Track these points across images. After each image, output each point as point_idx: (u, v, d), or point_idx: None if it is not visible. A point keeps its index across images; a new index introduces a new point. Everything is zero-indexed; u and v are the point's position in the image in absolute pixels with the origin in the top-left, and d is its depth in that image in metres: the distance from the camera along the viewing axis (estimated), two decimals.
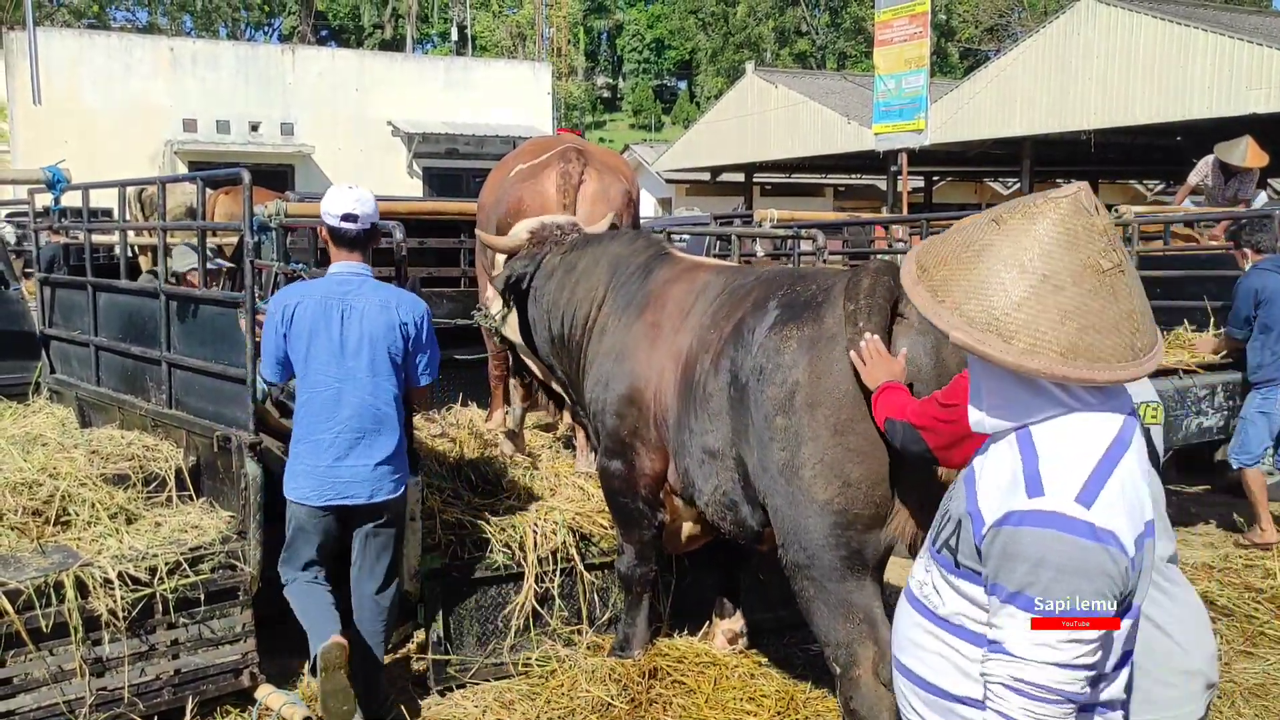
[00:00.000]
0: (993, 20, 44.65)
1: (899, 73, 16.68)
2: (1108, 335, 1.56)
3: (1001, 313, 1.57)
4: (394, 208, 6.61)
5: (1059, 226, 1.58)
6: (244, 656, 4.21)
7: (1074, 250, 1.57)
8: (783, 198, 30.37)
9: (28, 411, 5.70)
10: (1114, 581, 1.55)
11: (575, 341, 4.45)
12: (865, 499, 3.15)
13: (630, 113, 62.30)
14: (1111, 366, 1.56)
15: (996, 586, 1.60)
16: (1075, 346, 1.55)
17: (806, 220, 8.48)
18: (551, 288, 4.53)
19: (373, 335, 3.93)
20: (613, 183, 5.13)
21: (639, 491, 4.18)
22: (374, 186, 4.80)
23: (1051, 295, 1.56)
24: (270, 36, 52.34)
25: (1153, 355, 1.62)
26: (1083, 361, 1.55)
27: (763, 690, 4.29)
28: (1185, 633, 2.21)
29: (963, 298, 1.61)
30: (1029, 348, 1.55)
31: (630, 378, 4.10)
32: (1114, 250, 1.60)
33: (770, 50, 51.31)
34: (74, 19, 41.25)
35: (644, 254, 4.43)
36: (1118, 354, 1.56)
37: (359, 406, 3.91)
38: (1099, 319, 1.56)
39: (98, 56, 19.77)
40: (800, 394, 3.22)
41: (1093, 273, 1.56)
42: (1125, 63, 17.71)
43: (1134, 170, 29.47)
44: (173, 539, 4.18)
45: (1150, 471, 1.91)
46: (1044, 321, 1.55)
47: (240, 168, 4.40)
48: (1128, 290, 1.59)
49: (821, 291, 3.38)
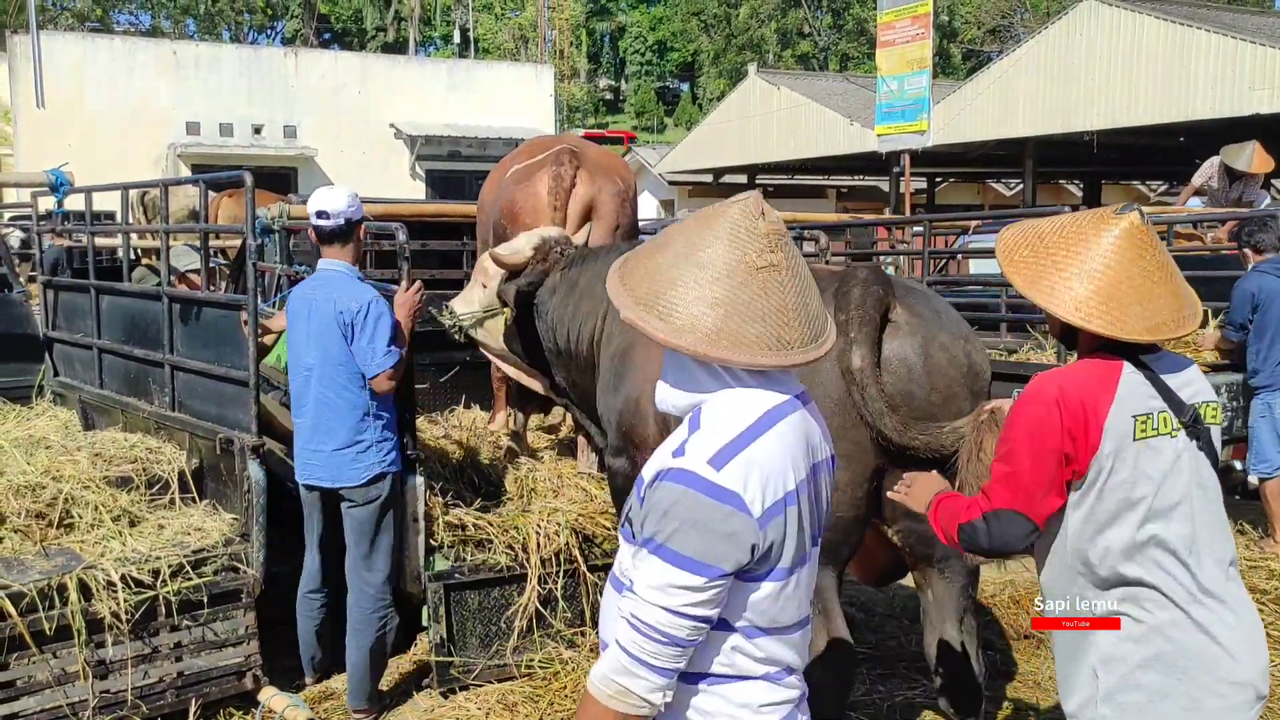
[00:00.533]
0: (995, 21, 44.61)
1: (901, 74, 16.67)
2: (753, 324, 1.72)
3: (663, 295, 1.74)
4: (396, 210, 6.61)
5: (726, 226, 1.77)
6: (247, 659, 4.21)
7: (734, 247, 1.75)
8: (785, 199, 30.33)
9: (31, 414, 5.71)
10: (734, 540, 1.67)
11: (583, 355, 4.47)
12: (849, 501, 3.23)
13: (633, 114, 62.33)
14: (754, 352, 1.72)
15: (639, 535, 1.75)
16: (721, 330, 1.71)
17: (809, 221, 8.47)
18: (555, 303, 4.56)
19: (321, 328, 4.11)
20: (606, 184, 5.11)
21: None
22: (376, 189, 4.83)
23: (708, 284, 1.73)
24: (273, 39, 52.40)
25: (809, 349, 1.76)
26: (725, 344, 1.71)
27: None
28: (1237, 643, 2.24)
29: (637, 282, 1.79)
30: (681, 327, 1.72)
31: (631, 378, 4.11)
32: (773, 251, 1.76)
33: (773, 52, 51.28)
34: (77, 22, 41.34)
35: None
36: (762, 342, 1.72)
37: (316, 395, 4.14)
38: (746, 309, 1.72)
39: (101, 60, 19.80)
40: None
41: (746, 268, 1.73)
42: (1128, 63, 17.68)
43: (1137, 171, 29.43)
44: (176, 541, 4.18)
45: (1193, 472, 2.24)
46: (697, 305, 1.72)
47: (243, 170, 4.41)
48: (780, 288, 1.75)
49: None
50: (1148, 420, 2.24)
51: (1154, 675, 2.23)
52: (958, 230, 10.23)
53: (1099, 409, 2.22)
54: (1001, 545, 2.35)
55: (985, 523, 2.34)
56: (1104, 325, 2.20)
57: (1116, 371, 2.26)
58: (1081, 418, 2.22)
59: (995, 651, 4.92)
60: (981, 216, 10.16)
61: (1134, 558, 2.25)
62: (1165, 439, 2.26)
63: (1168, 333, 2.22)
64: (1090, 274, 2.22)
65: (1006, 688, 4.62)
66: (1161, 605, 2.24)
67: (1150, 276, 2.22)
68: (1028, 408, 2.30)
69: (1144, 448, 2.24)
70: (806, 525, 1.81)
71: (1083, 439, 2.23)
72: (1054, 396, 2.25)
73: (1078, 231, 2.27)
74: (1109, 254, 2.22)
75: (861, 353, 3.16)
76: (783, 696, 1.82)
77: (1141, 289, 2.21)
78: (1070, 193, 31.10)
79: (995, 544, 2.35)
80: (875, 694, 4.45)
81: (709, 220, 1.80)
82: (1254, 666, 2.25)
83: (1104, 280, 2.21)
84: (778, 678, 1.82)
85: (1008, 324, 6.64)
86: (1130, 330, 2.20)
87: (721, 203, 1.84)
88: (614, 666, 1.71)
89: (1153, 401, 2.26)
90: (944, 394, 3.27)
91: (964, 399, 3.26)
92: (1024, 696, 4.55)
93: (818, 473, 1.87)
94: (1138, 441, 2.23)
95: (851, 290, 3.25)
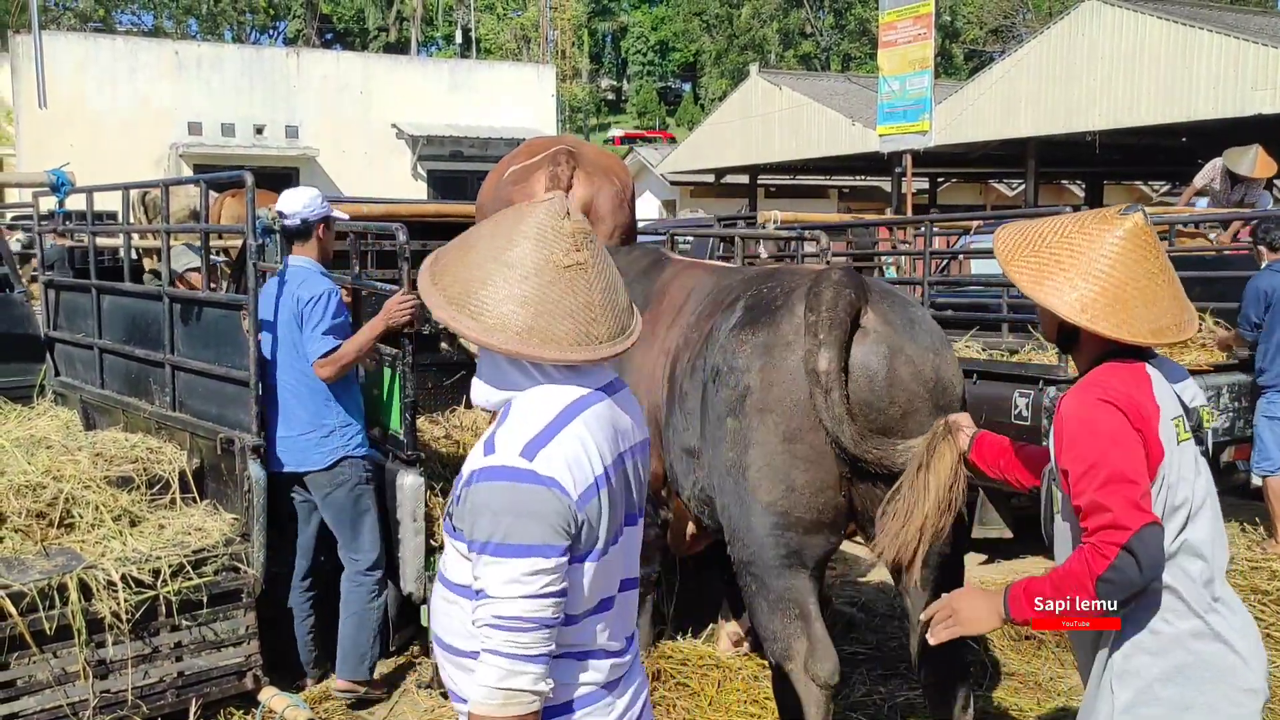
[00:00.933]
0: (997, 21, 44.57)
1: (903, 74, 16.64)
2: (562, 321, 1.78)
3: (474, 294, 1.79)
4: (397, 210, 6.61)
5: (533, 226, 1.82)
6: (247, 659, 4.21)
7: (540, 247, 1.80)
8: (787, 199, 30.34)
9: (32, 414, 5.70)
10: (562, 519, 1.74)
11: None
12: (808, 504, 3.19)
13: (634, 115, 62.33)
14: (563, 348, 1.78)
15: (472, 541, 1.76)
16: (531, 328, 1.77)
17: (811, 222, 8.46)
18: None
19: (285, 319, 4.34)
20: (603, 185, 5.11)
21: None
22: (378, 189, 4.88)
23: (517, 283, 1.78)
24: (275, 40, 52.42)
25: (616, 343, 1.84)
26: (536, 341, 1.77)
27: (767, 693, 4.28)
28: (1249, 649, 2.23)
29: (449, 282, 1.82)
30: (492, 326, 1.77)
31: (629, 376, 4.10)
32: (579, 250, 1.82)
33: (774, 52, 51.26)
34: (80, 22, 41.36)
35: (643, 261, 4.47)
36: (571, 338, 1.79)
37: (281, 383, 4.38)
38: (555, 306, 1.78)
39: (103, 60, 19.82)
40: (751, 398, 3.23)
41: (553, 267, 1.78)
42: (1130, 64, 17.66)
43: (1139, 171, 29.39)
44: (176, 541, 4.18)
45: (1198, 478, 2.22)
46: (507, 304, 1.77)
47: (244, 170, 4.41)
48: (587, 285, 1.81)
49: (783, 295, 3.36)
50: (1180, 423, 2.23)
51: (1175, 689, 2.19)
52: (959, 230, 10.22)
53: (1152, 412, 2.18)
54: (1151, 570, 2.09)
55: (1130, 553, 2.05)
56: (1110, 327, 2.15)
57: (1145, 376, 2.22)
58: (1143, 421, 2.16)
59: (995, 652, 4.92)
60: (983, 216, 10.15)
61: (1168, 564, 2.19)
62: (1189, 442, 2.24)
63: (1171, 336, 2.20)
64: (1095, 274, 2.16)
65: (1007, 688, 4.62)
66: (1183, 615, 2.20)
67: (1154, 279, 2.19)
68: (1093, 420, 2.15)
69: (1181, 451, 2.21)
70: (620, 505, 1.90)
71: (1151, 443, 2.16)
72: (1114, 401, 2.16)
73: (1081, 231, 2.21)
74: (1113, 254, 2.17)
75: (828, 356, 3.07)
76: (601, 677, 1.89)
77: (1146, 291, 2.17)
78: (1072, 193, 31.08)
79: (1151, 569, 2.08)
80: (876, 694, 4.45)
81: (516, 221, 1.85)
82: (1262, 670, 2.24)
83: (1109, 281, 2.16)
84: (597, 656, 1.89)
85: (1009, 324, 6.63)
86: (1136, 332, 2.16)
87: (527, 203, 1.90)
88: (495, 676, 1.74)
89: (1176, 405, 2.24)
90: (904, 408, 3.17)
91: (926, 414, 3.15)
92: (1024, 697, 4.54)
93: (626, 458, 1.93)
94: (1178, 445, 2.21)
95: (823, 291, 3.19)
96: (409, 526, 4.36)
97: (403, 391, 4.43)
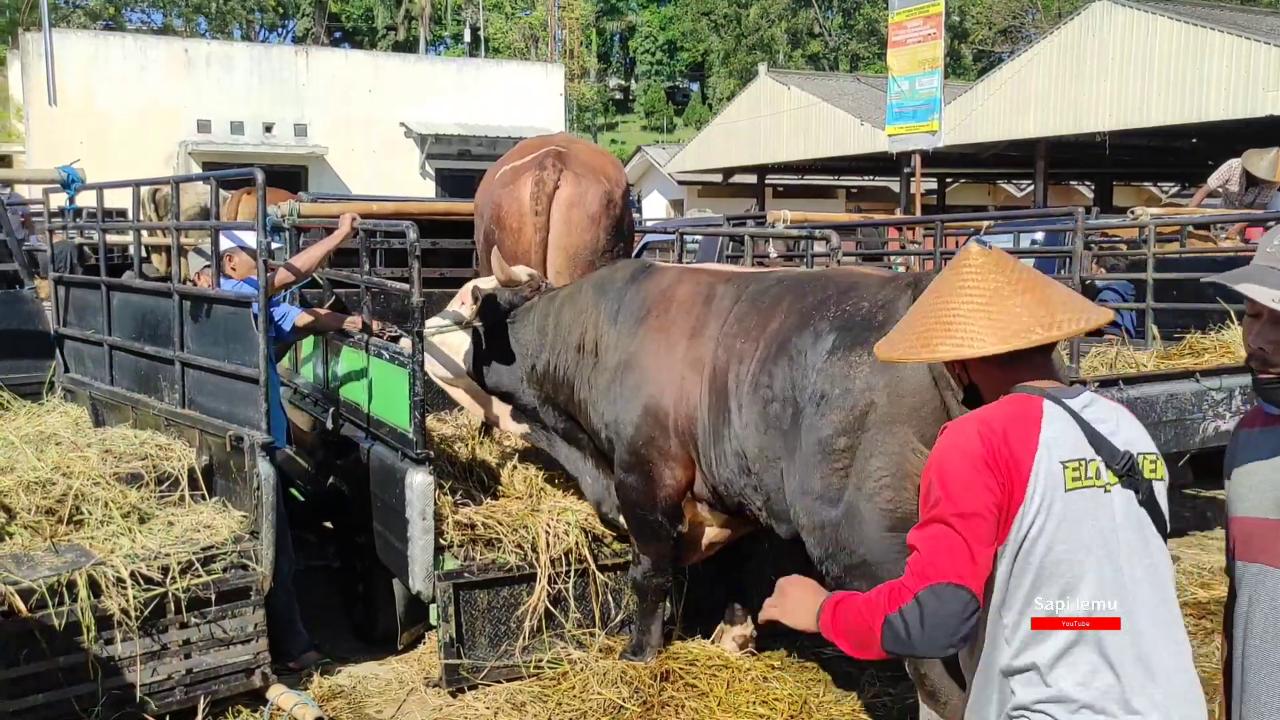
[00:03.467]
0: (1007, 22, 44.42)
1: (912, 74, 16.59)
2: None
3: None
4: (407, 208, 6.61)
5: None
6: (256, 656, 4.21)
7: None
8: (795, 199, 30.29)
9: (42, 410, 5.70)
10: None
11: (566, 368, 4.50)
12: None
13: (642, 114, 62.26)
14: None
15: None
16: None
17: (819, 222, 8.44)
18: (535, 317, 4.66)
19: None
20: (591, 185, 5.11)
21: (658, 504, 4.18)
22: (386, 187, 4.91)
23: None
24: (284, 38, 52.49)
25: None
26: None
27: (775, 694, 4.26)
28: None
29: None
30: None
31: (644, 388, 4.09)
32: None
33: (783, 52, 51.17)
34: (90, 20, 41.46)
35: (627, 269, 4.57)
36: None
37: None
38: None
39: (113, 57, 19.85)
40: (875, 414, 3.29)
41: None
42: (1140, 64, 17.60)
43: (1149, 172, 29.30)
44: (185, 538, 4.18)
45: None
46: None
47: (254, 168, 4.41)
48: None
49: (880, 309, 3.43)
50: (1079, 467, 1.97)
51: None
52: (969, 231, 10.19)
53: (1025, 450, 1.95)
54: (934, 635, 1.89)
55: (918, 605, 1.89)
56: (951, 349, 2.06)
57: (1037, 409, 2.01)
58: (1006, 457, 1.95)
59: None
60: (994, 217, 10.12)
61: (1061, 655, 1.95)
62: (1092, 491, 1.97)
63: (1038, 339, 2.02)
64: (933, 313, 2.12)
65: None
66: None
67: (998, 292, 2.06)
68: (945, 447, 2.02)
69: (1067, 501, 1.95)
70: None
71: (1011, 482, 1.94)
72: (976, 433, 1.98)
73: (930, 291, 2.17)
74: (948, 290, 2.12)
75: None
76: None
77: (987, 305, 2.05)
78: (1082, 194, 30.99)
79: (928, 634, 1.89)
80: (886, 696, 4.42)
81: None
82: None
83: (944, 312, 2.10)
84: None
85: None
86: (981, 344, 2.02)
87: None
88: None
89: (1081, 448, 1.99)
90: None
91: None
92: None
93: None
94: (1066, 492, 1.95)
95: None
96: (418, 525, 4.35)
97: (412, 390, 4.42)
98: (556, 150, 5.18)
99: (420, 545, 4.36)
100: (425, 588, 4.41)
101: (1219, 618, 5.03)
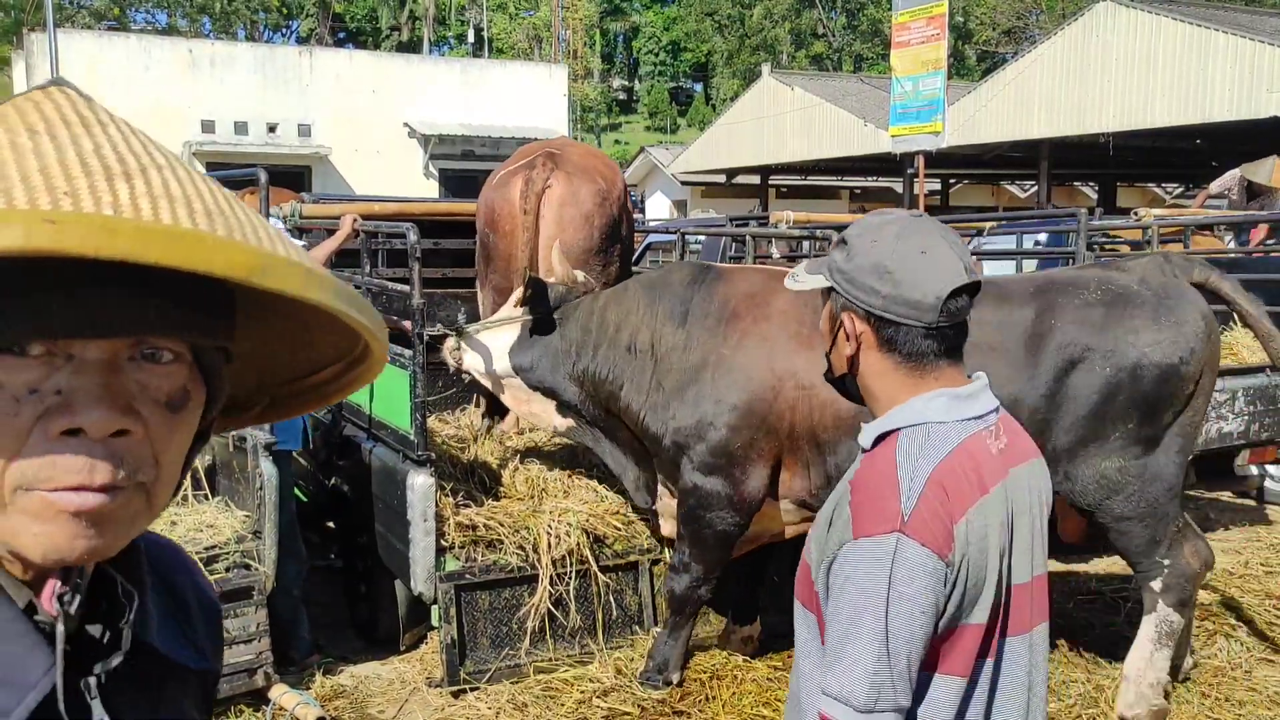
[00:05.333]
0: (1010, 22, 44.41)
1: (916, 75, 16.61)
2: None
3: None
4: (409, 209, 6.62)
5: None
6: (258, 656, 4.22)
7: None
8: (798, 200, 30.30)
9: None
10: None
11: (613, 368, 4.37)
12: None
13: (646, 115, 62.32)
14: None
15: None
16: None
17: (823, 222, 8.43)
18: (580, 315, 4.53)
19: None
20: (584, 184, 5.10)
21: (742, 506, 4.11)
22: (390, 187, 4.90)
23: None
24: (288, 38, 52.59)
25: None
26: None
27: (780, 696, 4.26)
28: None
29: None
30: None
31: (746, 389, 4.01)
32: None
33: (786, 52, 51.20)
34: (94, 21, 41.56)
35: (683, 271, 4.49)
36: None
37: None
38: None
39: (117, 58, 19.89)
40: (1191, 365, 3.92)
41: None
42: (1144, 65, 17.59)
43: (1153, 173, 29.27)
44: (188, 538, 4.19)
45: None
46: None
47: (257, 168, 4.41)
48: None
49: (1165, 299, 3.98)
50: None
51: None
52: (972, 232, 10.19)
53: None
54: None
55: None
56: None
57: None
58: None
59: None
60: (997, 218, 10.12)
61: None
62: None
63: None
64: None
65: None
66: None
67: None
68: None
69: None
70: None
71: None
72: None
73: None
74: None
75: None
76: None
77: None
78: (1085, 195, 30.97)
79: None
80: None
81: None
82: None
83: None
84: None
85: None
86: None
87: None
88: None
89: None
90: None
91: None
92: None
93: None
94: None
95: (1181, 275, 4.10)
96: (419, 527, 4.36)
97: (413, 392, 4.43)
98: (548, 151, 5.21)
99: (421, 547, 4.37)
100: (427, 589, 4.41)
101: (1219, 618, 5.04)
